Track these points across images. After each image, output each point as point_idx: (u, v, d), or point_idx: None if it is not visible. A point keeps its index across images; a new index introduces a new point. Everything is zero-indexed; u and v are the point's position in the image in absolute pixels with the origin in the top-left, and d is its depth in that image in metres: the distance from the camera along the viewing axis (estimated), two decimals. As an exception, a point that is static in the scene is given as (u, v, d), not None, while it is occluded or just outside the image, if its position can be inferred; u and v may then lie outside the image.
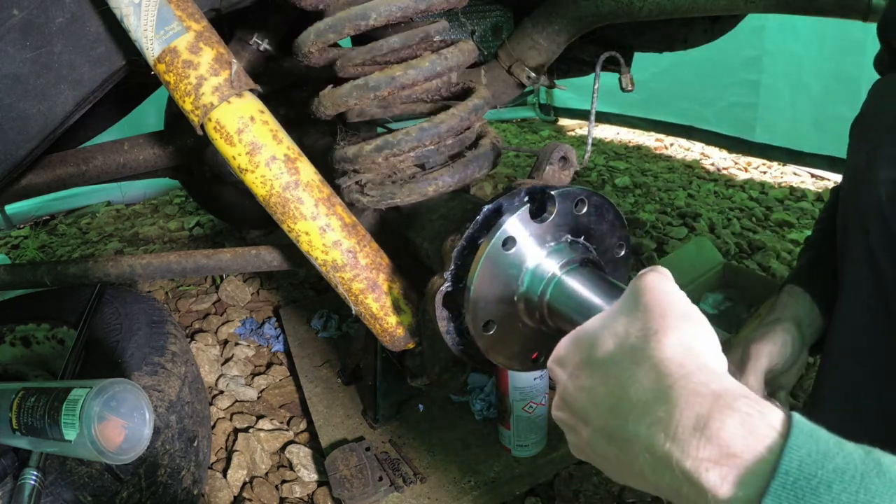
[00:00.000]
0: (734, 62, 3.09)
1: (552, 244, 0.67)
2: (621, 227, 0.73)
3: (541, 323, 0.69)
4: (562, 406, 0.52)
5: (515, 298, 0.68)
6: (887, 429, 0.82)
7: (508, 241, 0.65)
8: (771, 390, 0.87)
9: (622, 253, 0.74)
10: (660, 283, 0.51)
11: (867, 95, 0.82)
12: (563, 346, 0.54)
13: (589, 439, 0.49)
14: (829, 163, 2.84)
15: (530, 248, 0.67)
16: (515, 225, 0.65)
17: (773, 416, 0.40)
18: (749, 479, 0.38)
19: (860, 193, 0.77)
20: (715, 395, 0.41)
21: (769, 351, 0.84)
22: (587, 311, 0.61)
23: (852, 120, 0.84)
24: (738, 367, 0.85)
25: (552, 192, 0.65)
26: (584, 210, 0.69)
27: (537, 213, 0.66)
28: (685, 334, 0.47)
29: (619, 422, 0.45)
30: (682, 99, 3.45)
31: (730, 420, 0.40)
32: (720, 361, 0.47)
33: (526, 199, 0.68)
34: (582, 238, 0.70)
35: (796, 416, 0.40)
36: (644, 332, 0.48)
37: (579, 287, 0.64)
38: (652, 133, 3.92)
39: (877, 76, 0.86)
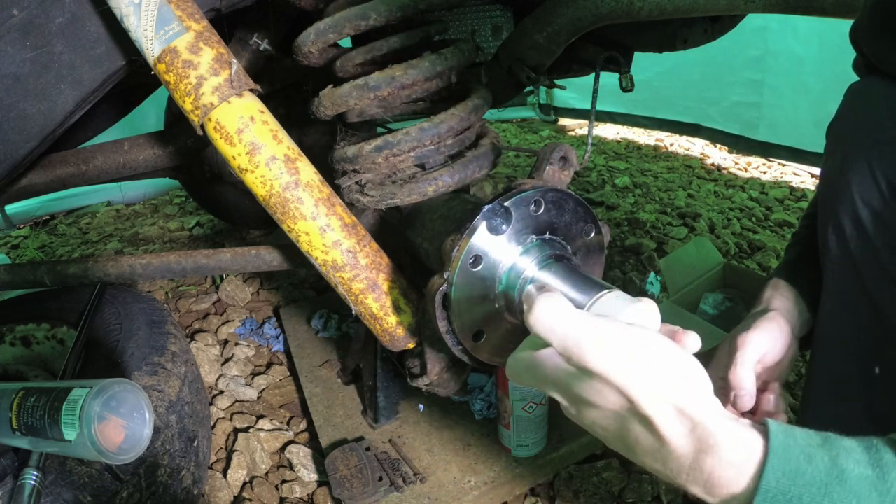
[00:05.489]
0: (737, 62, 3.12)
1: (520, 248, 0.70)
2: (585, 212, 0.75)
3: (523, 321, 0.71)
4: (567, 410, 0.57)
5: (497, 305, 0.72)
6: (875, 426, 0.82)
7: (475, 259, 0.69)
8: (763, 384, 0.85)
9: (592, 235, 0.76)
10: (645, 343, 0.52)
11: (843, 99, 0.83)
12: (551, 381, 0.57)
13: (602, 434, 0.55)
14: (830, 162, 2.85)
15: (499, 258, 0.70)
16: (478, 243, 0.69)
17: (752, 445, 0.47)
18: (736, 498, 0.47)
19: (836, 196, 0.78)
20: (700, 440, 0.48)
21: (756, 339, 0.81)
22: None
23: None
24: (727, 360, 0.82)
25: (505, 204, 0.68)
26: (542, 209, 0.71)
27: (501, 224, 0.69)
28: (673, 393, 0.50)
29: (624, 447, 0.54)
30: (686, 98, 3.48)
31: (714, 458, 0.47)
32: (705, 400, 0.51)
33: (500, 209, 0.70)
34: (547, 234, 0.72)
35: (773, 438, 0.47)
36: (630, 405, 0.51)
37: (550, 283, 0.68)
38: (652, 133, 3.92)
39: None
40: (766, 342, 0.81)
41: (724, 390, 0.82)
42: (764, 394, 0.83)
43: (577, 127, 4.35)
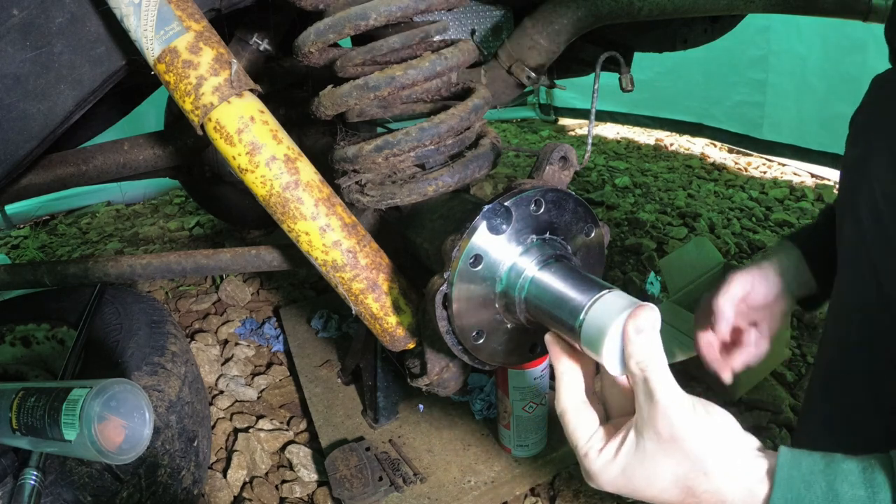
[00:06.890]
0: (740, 61, 3.14)
1: (520, 248, 0.70)
2: (585, 212, 0.75)
3: (524, 321, 0.72)
4: None
5: (497, 305, 0.72)
6: (880, 418, 0.82)
7: (475, 259, 0.69)
8: (748, 322, 0.90)
9: (592, 234, 0.77)
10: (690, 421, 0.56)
11: (868, 89, 0.83)
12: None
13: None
14: (833, 160, 2.86)
15: (499, 258, 0.70)
16: (478, 243, 0.69)
17: (760, 488, 0.53)
18: None
19: (855, 185, 0.78)
20: None
21: (741, 278, 0.88)
22: (561, 303, 0.65)
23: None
24: (713, 295, 0.89)
25: (505, 204, 0.68)
26: (542, 209, 0.71)
27: (501, 224, 0.69)
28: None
29: None
30: (689, 97, 3.49)
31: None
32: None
33: (500, 209, 0.69)
34: (547, 234, 0.72)
35: (779, 470, 0.52)
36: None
37: (550, 283, 0.68)
38: (652, 132, 3.92)
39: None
40: (750, 282, 0.89)
41: (707, 315, 0.90)
42: (748, 330, 0.90)
43: (577, 127, 4.35)
